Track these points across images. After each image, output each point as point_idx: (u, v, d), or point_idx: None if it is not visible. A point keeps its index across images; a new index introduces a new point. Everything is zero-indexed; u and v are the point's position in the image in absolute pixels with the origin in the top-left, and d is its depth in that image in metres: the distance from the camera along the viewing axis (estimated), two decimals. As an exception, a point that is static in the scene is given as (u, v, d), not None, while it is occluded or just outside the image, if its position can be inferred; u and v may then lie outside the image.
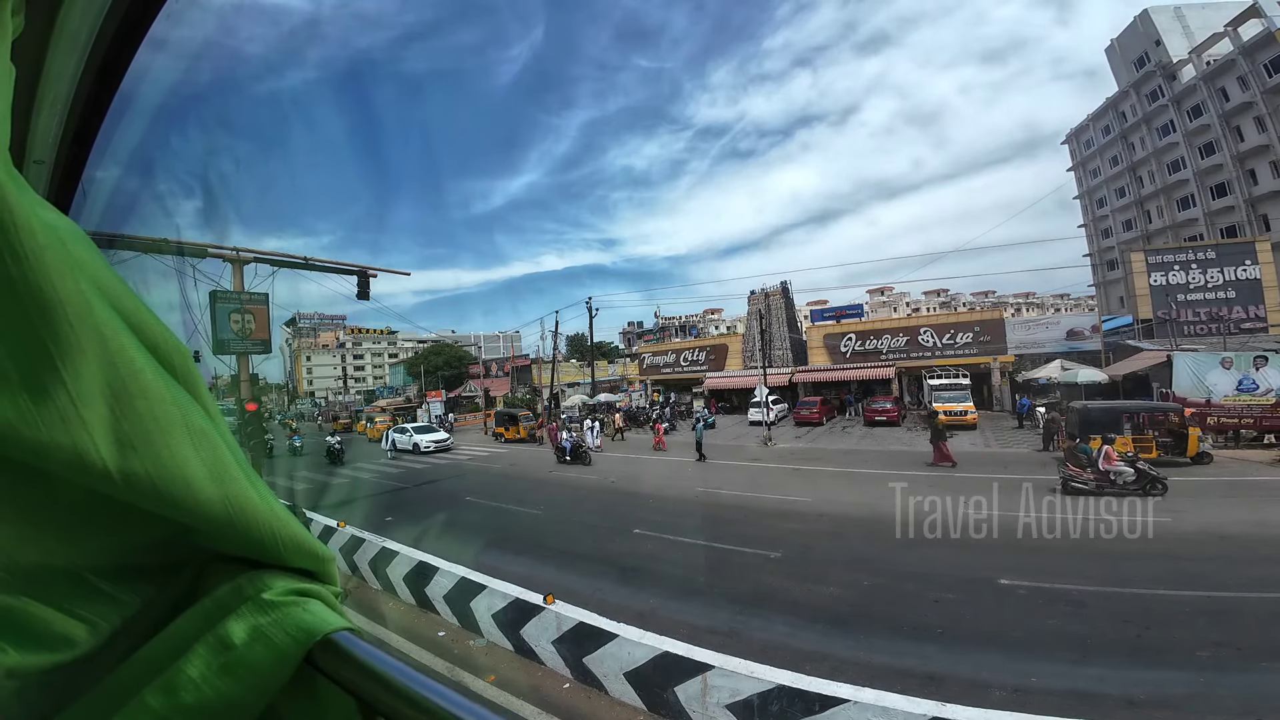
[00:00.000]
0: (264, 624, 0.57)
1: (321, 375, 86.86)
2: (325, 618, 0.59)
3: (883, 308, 67.47)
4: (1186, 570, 7.38)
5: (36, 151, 0.91)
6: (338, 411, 53.14)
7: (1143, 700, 4.70)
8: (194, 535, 0.59)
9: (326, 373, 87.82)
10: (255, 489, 0.60)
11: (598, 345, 47.10)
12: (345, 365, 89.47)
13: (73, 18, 0.79)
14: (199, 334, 13.45)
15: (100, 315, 0.50)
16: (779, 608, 6.56)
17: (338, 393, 76.76)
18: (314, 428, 46.85)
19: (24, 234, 0.44)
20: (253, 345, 15.33)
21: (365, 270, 16.93)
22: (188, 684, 0.54)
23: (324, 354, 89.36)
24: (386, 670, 0.53)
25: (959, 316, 32.21)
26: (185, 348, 0.62)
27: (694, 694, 4.43)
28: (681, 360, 41.00)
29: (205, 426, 0.57)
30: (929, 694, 3.99)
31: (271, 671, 0.56)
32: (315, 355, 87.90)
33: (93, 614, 0.58)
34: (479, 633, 6.28)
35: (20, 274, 0.44)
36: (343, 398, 67.59)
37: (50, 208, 0.53)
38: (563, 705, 4.98)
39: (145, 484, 0.52)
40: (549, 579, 7.69)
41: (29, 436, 0.46)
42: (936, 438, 15.86)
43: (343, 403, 61.28)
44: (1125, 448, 14.46)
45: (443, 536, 10.81)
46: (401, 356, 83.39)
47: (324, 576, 0.67)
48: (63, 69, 0.85)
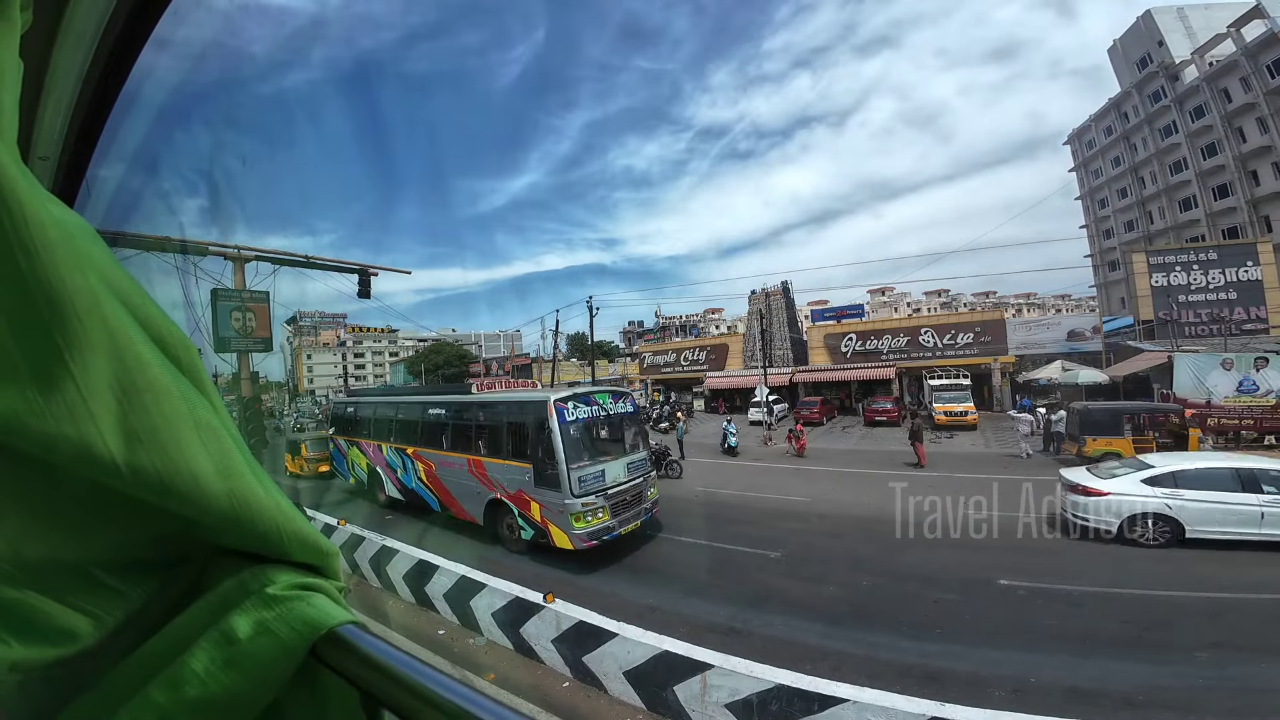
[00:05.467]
0: (268, 618, 0.58)
1: (322, 374, 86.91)
2: (329, 611, 0.59)
3: (884, 308, 67.40)
4: (1186, 571, 7.37)
5: (42, 148, 0.91)
6: None
7: (1142, 700, 4.70)
8: (199, 530, 0.59)
9: (327, 371, 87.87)
10: (260, 483, 0.60)
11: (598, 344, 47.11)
12: (346, 364, 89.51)
13: (79, 15, 0.79)
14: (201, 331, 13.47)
15: (108, 310, 0.51)
16: (779, 607, 6.56)
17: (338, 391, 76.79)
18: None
19: (34, 228, 0.44)
20: (254, 343, 15.36)
21: (366, 269, 16.95)
22: (192, 678, 0.54)
23: (325, 352, 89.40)
24: (391, 663, 0.53)
25: (960, 317, 32.18)
26: (191, 343, 0.62)
27: (693, 693, 4.43)
28: (682, 360, 41.00)
29: (211, 421, 0.58)
30: (929, 694, 3.99)
31: (276, 665, 0.56)
32: (316, 353, 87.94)
33: (97, 608, 0.58)
34: (479, 631, 6.28)
35: (30, 268, 0.44)
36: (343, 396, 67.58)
37: (59, 203, 0.54)
38: (562, 704, 4.99)
39: (152, 478, 0.52)
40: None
41: (37, 429, 0.47)
42: (914, 438, 16.05)
43: None
44: (1125, 448, 14.49)
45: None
46: (402, 355, 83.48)
47: (327, 571, 0.67)
48: (69, 66, 0.85)
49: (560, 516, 8.20)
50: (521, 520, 8.99)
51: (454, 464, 10.56)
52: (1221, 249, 27.73)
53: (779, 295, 37.80)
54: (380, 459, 13.16)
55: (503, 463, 9.43)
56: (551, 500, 8.34)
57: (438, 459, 11.08)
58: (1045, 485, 10.83)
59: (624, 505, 8.91)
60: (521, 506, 8.95)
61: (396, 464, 12.45)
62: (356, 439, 14.35)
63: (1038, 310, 68.19)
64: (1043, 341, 31.18)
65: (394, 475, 12.56)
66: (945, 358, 29.90)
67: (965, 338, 29.92)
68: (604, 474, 8.74)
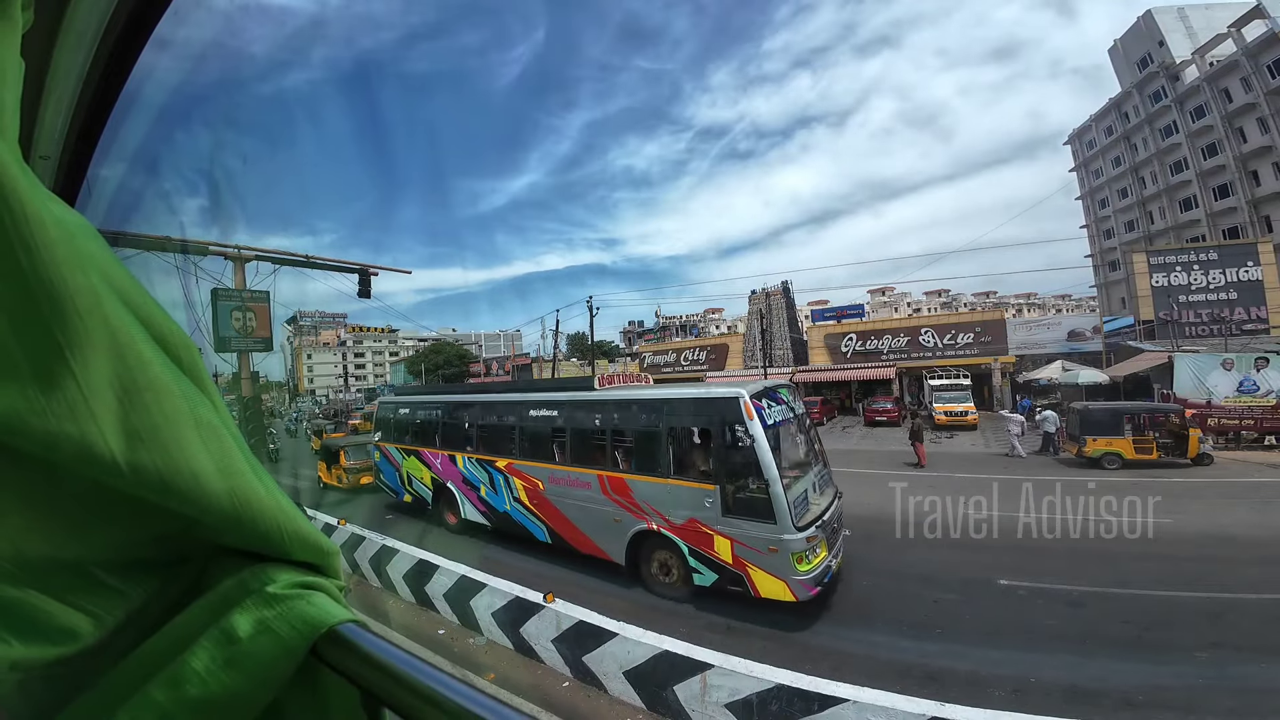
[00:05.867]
0: (269, 617, 0.58)
1: (322, 373, 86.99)
2: (330, 610, 0.59)
3: (884, 308, 67.39)
4: (1186, 571, 7.37)
5: (42, 147, 0.91)
6: (342, 409, 51.86)
7: (1142, 700, 4.70)
8: (200, 529, 0.59)
9: (327, 370, 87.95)
10: (261, 482, 0.60)
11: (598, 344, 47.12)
12: (346, 363, 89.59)
13: (80, 15, 0.79)
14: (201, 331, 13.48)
15: (109, 308, 0.51)
16: (778, 607, 6.54)
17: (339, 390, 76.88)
18: None
19: (35, 227, 0.44)
20: (254, 343, 15.36)
21: (366, 268, 16.95)
22: (193, 677, 0.54)
23: (325, 352, 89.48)
24: (392, 661, 0.53)
25: (960, 317, 32.20)
26: (192, 342, 0.62)
27: (693, 693, 4.44)
28: (682, 359, 41.00)
29: (212, 420, 0.58)
30: (929, 694, 3.99)
31: (276, 664, 0.56)
32: (316, 353, 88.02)
33: (97, 607, 0.58)
34: (479, 631, 6.28)
35: (31, 266, 0.44)
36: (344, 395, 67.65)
37: (60, 202, 0.54)
38: (562, 704, 4.99)
39: (153, 477, 0.52)
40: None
41: (38, 427, 0.47)
42: (914, 438, 16.07)
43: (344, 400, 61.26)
44: (1125, 449, 14.50)
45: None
46: (402, 355, 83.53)
47: (328, 570, 0.67)
48: (70, 65, 0.85)
49: (772, 557, 6.15)
50: (695, 561, 6.81)
51: (576, 483, 8.20)
52: (1222, 249, 27.74)
53: (779, 295, 37.82)
54: (453, 473, 10.61)
55: (663, 483, 7.17)
56: (755, 534, 6.29)
57: (548, 475, 8.69)
58: (1045, 485, 10.84)
59: (834, 534, 6.98)
60: (696, 542, 6.78)
61: (479, 480, 9.96)
62: (415, 447, 11.78)
63: (1038, 310, 68.19)
64: (1043, 341, 31.19)
65: (475, 495, 10.09)
66: (945, 358, 29.91)
67: (965, 338, 29.93)
68: (807, 495, 6.96)
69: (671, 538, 7.02)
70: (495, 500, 9.69)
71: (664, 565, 7.29)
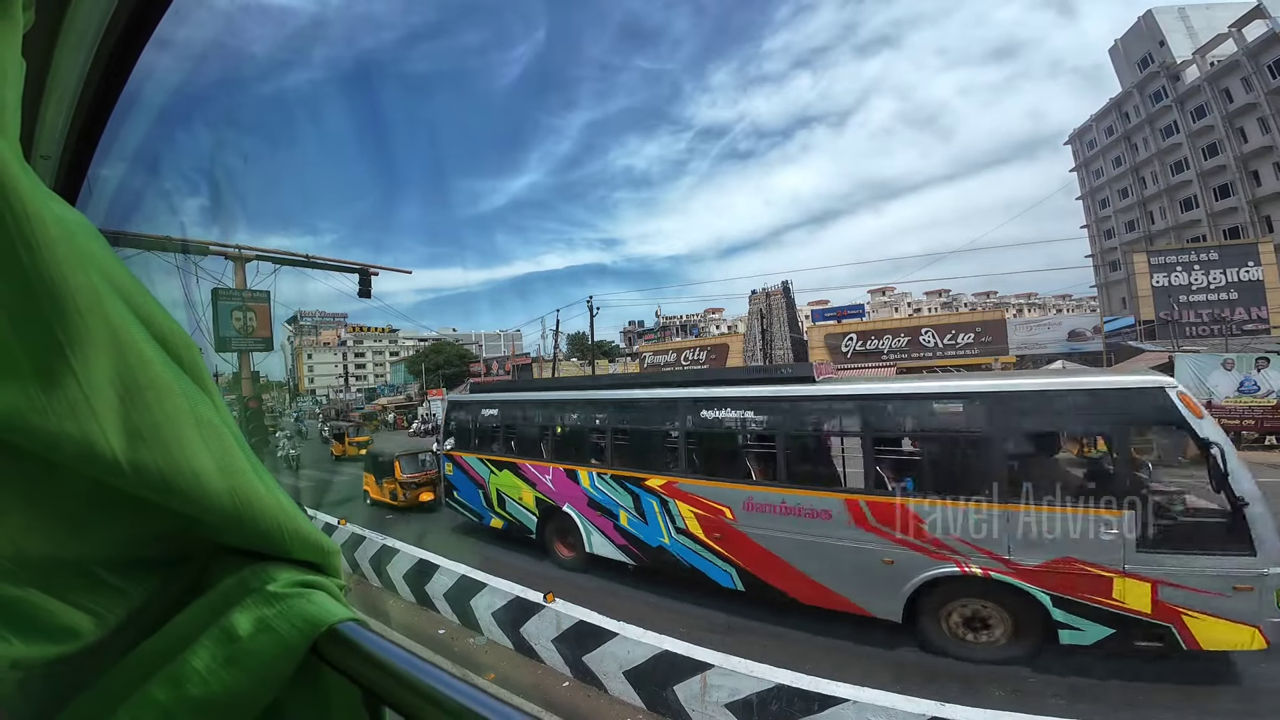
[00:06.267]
0: (269, 616, 0.58)
1: (323, 373, 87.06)
2: (330, 609, 0.60)
3: (884, 308, 67.40)
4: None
5: (43, 147, 0.91)
6: (343, 409, 51.35)
7: (1142, 700, 4.70)
8: (200, 528, 0.59)
9: (327, 370, 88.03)
10: (262, 481, 0.60)
11: (599, 344, 47.13)
12: (346, 363, 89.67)
13: (81, 15, 0.80)
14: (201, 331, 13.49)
15: (110, 307, 0.51)
16: (778, 607, 6.55)
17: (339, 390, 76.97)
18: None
19: (36, 225, 0.44)
20: (254, 342, 15.39)
21: (367, 268, 16.98)
22: (193, 676, 0.54)
23: (325, 351, 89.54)
24: (392, 660, 0.53)
25: (960, 317, 32.23)
26: (193, 341, 0.63)
27: (693, 693, 4.43)
28: (682, 360, 40.98)
29: (213, 419, 0.58)
30: (929, 694, 3.98)
31: (277, 663, 0.57)
32: (316, 353, 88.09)
33: (98, 606, 0.58)
34: (479, 630, 6.29)
35: (32, 264, 0.45)
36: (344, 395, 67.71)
37: (61, 201, 0.54)
38: (563, 703, 4.99)
39: (154, 476, 0.52)
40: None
41: (39, 426, 0.47)
42: None
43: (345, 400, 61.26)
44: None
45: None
46: (403, 355, 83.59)
47: (328, 569, 0.68)
48: (71, 65, 0.85)
49: (1237, 598, 4.54)
50: (1065, 613, 5.06)
51: (800, 510, 6.21)
52: (1222, 249, 27.74)
53: (779, 295, 37.77)
54: (572, 493, 8.38)
55: (1002, 509, 5.33)
56: (1207, 570, 4.63)
57: (743, 500, 6.63)
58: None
59: None
60: (1070, 588, 5.04)
61: (621, 505, 7.77)
62: (510, 459, 9.46)
63: (1038, 310, 68.18)
64: (1043, 341, 31.15)
65: (609, 523, 7.91)
66: (946, 358, 29.91)
67: (966, 338, 29.95)
68: None
69: (1014, 583, 5.22)
70: (644, 531, 7.53)
71: (977, 619, 5.50)
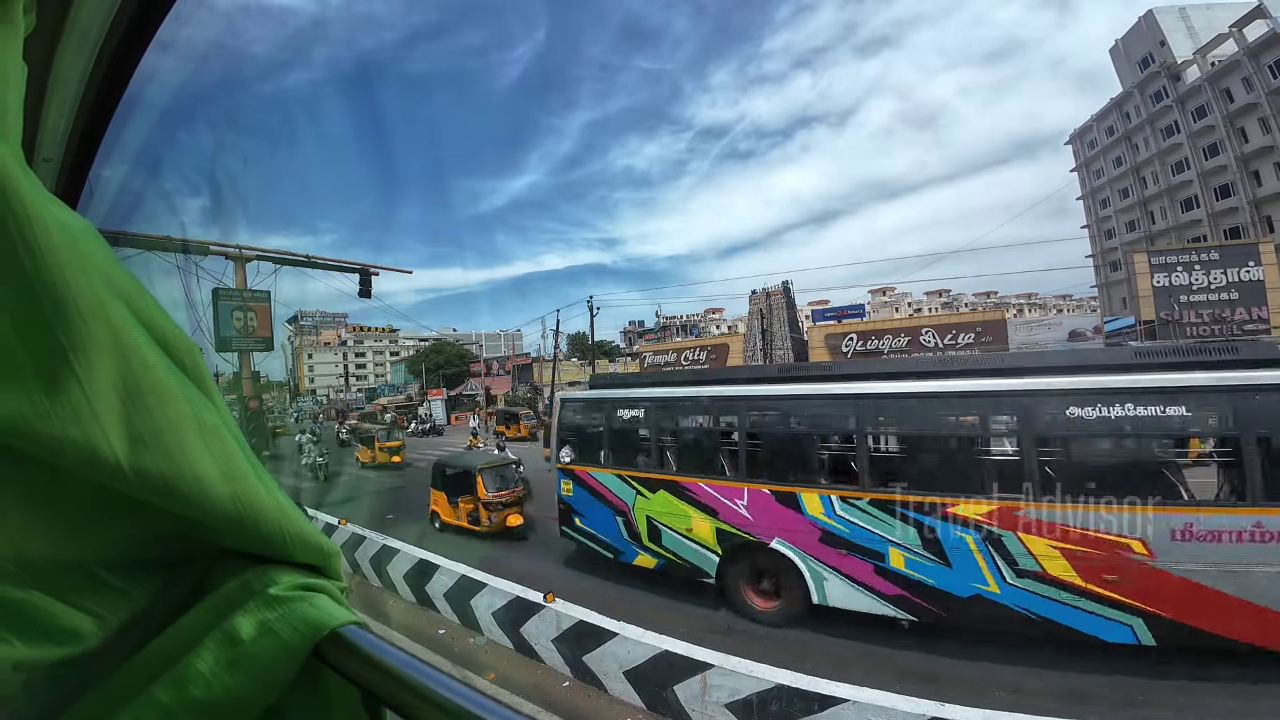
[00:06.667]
0: (271, 619, 0.58)
1: (323, 373, 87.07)
2: (332, 612, 0.60)
3: (884, 308, 67.37)
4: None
5: (45, 149, 0.92)
6: (344, 409, 50.99)
7: (1142, 700, 4.70)
8: (203, 531, 0.59)
9: (328, 370, 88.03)
10: (263, 485, 0.61)
11: (599, 344, 47.12)
12: (347, 363, 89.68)
13: (82, 18, 0.80)
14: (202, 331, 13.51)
15: (112, 311, 0.51)
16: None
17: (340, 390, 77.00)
18: None
19: (38, 229, 0.45)
20: (255, 342, 15.41)
21: (367, 268, 16.99)
22: (196, 678, 0.54)
23: (325, 352, 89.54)
24: (393, 663, 0.53)
25: (961, 317, 32.25)
26: (195, 345, 0.63)
27: (693, 693, 4.44)
28: (682, 360, 40.97)
29: (215, 423, 0.58)
30: (929, 694, 3.99)
31: (279, 666, 0.57)
32: (317, 353, 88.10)
33: (101, 608, 0.58)
34: (479, 630, 6.29)
35: (34, 268, 0.45)
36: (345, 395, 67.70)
37: (63, 205, 0.54)
38: (563, 703, 4.99)
39: (157, 480, 0.52)
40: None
41: (42, 430, 0.47)
42: None
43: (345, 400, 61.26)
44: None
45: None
46: (403, 355, 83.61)
47: (330, 571, 0.68)
48: (72, 68, 0.85)
49: None
50: None
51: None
52: (1223, 249, 27.75)
53: (779, 295, 37.75)
54: (787, 524, 6.39)
55: None
56: None
57: (1174, 527, 4.79)
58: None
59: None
60: None
61: (893, 540, 5.81)
62: (670, 476, 7.40)
63: (1039, 310, 68.10)
64: (1044, 341, 31.10)
65: (871, 567, 5.95)
66: (946, 358, 29.92)
67: (966, 338, 29.96)
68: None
69: None
70: (943, 576, 5.60)
71: None
